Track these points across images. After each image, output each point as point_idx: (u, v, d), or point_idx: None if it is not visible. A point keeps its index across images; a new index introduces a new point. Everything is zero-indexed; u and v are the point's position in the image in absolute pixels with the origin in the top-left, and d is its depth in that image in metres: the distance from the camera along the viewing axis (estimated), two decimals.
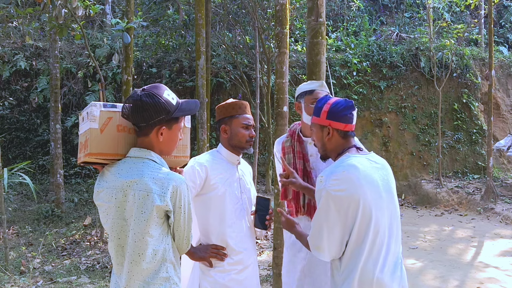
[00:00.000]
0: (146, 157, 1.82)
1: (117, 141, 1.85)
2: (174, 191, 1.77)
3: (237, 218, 2.48)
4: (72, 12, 5.48)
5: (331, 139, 2.07)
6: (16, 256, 6.06)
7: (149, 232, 1.75)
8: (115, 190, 1.79)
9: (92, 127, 1.80)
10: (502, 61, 12.43)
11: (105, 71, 9.81)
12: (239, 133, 2.50)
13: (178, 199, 1.79)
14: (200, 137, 6.64)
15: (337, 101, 2.08)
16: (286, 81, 4.21)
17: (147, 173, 1.77)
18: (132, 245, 1.76)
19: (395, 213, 2.04)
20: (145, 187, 1.75)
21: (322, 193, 1.93)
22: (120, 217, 1.79)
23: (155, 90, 1.81)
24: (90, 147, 1.79)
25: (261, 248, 6.53)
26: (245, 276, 2.49)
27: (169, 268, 1.81)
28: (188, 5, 9.63)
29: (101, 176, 1.88)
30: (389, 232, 1.99)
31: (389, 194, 2.02)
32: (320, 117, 2.08)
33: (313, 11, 3.62)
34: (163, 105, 1.79)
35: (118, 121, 1.85)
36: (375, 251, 1.93)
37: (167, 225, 1.83)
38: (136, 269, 1.77)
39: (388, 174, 2.07)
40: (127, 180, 1.78)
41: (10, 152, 9.67)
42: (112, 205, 1.80)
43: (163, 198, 1.75)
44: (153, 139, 1.84)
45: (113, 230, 1.81)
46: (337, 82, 10.85)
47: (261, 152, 9.74)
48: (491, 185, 9.00)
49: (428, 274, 5.47)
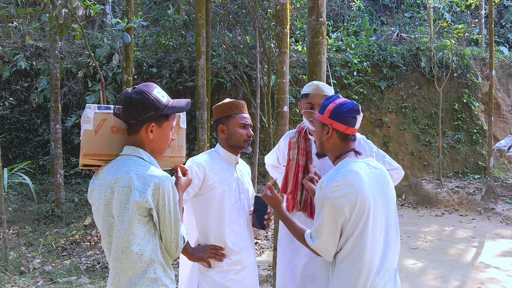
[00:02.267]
0: (134, 154, 1.84)
1: (111, 142, 1.89)
2: (155, 188, 1.76)
3: (235, 218, 2.47)
4: (72, 12, 5.48)
5: (329, 138, 2.07)
6: (16, 256, 6.05)
7: (131, 230, 1.75)
8: (104, 188, 1.82)
9: (86, 128, 1.84)
10: (503, 61, 12.42)
11: (105, 71, 9.80)
12: (236, 133, 2.50)
13: (161, 197, 1.77)
14: (201, 137, 6.63)
15: (344, 102, 2.06)
16: (286, 81, 4.21)
17: (132, 169, 1.78)
18: (116, 241, 1.77)
19: (392, 220, 2.02)
20: (128, 183, 1.76)
21: (322, 199, 1.93)
22: (109, 214, 1.81)
23: (145, 88, 1.85)
24: (85, 148, 1.84)
25: (261, 248, 6.52)
26: (244, 276, 2.48)
27: (157, 269, 1.80)
28: (189, 5, 9.62)
29: (95, 175, 1.91)
30: (384, 240, 1.98)
31: (387, 200, 2.01)
32: (324, 114, 2.07)
33: (313, 10, 3.62)
34: (152, 102, 1.81)
35: (113, 123, 1.89)
36: (371, 258, 1.92)
37: (153, 225, 1.81)
38: (120, 266, 1.77)
39: (387, 180, 2.06)
40: (114, 177, 1.80)
41: (10, 152, 9.66)
42: (102, 203, 1.82)
43: (143, 194, 1.74)
44: (143, 137, 1.86)
45: (103, 227, 1.83)
46: (338, 82, 10.84)
47: (262, 152, 9.72)
48: (491, 185, 8.98)
49: (429, 274, 5.46)
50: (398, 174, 2.64)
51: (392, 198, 2.06)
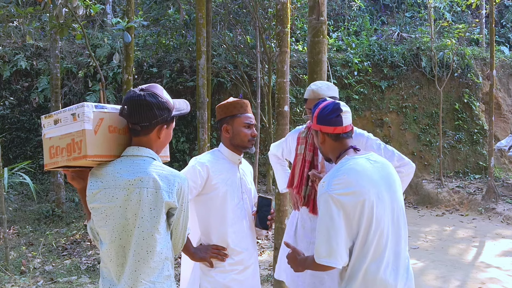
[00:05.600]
0: (145, 155, 1.83)
1: (109, 142, 1.83)
2: (179, 189, 1.81)
3: (238, 218, 2.46)
4: (72, 12, 5.48)
5: (324, 143, 2.10)
6: (16, 256, 6.05)
7: (158, 229, 1.77)
8: (116, 190, 1.77)
9: (87, 128, 1.75)
10: (503, 61, 12.41)
11: (105, 71, 9.79)
12: (241, 132, 2.48)
13: (181, 196, 1.82)
14: (201, 136, 6.62)
15: (325, 105, 2.09)
16: (287, 80, 4.20)
17: (152, 170, 1.78)
18: (139, 243, 1.75)
19: (398, 211, 2.02)
20: (153, 184, 1.76)
21: (324, 197, 1.92)
22: (122, 217, 1.77)
23: (155, 90, 1.83)
24: (88, 149, 1.74)
25: (262, 248, 6.52)
26: (246, 276, 2.47)
27: (170, 266, 1.84)
28: (189, 5, 9.62)
29: (93, 177, 1.83)
30: (392, 232, 1.98)
31: (391, 193, 2.00)
32: (313, 122, 2.13)
33: (314, 9, 3.62)
34: (166, 104, 1.83)
35: (109, 122, 1.83)
36: (378, 251, 1.92)
37: (168, 223, 1.85)
38: (142, 267, 1.76)
39: (390, 172, 2.06)
40: (131, 179, 1.76)
41: (11, 152, 9.66)
42: (114, 205, 1.77)
43: (171, 195, 1.78)
44: (152, 138, 1.85)
45: (114, 231, 1.78)
46: (338, 82, 10.84)
47: (262, 152, 9.72)
48: (492, 185, 8.98)
49: (430, 274, 5.45)
50: (408, 170, 2.59)
51: (398, 190, 2.06)
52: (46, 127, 1.89)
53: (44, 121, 1.90)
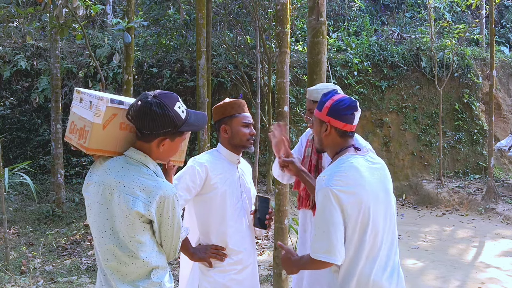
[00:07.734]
0: (140, 161, 1.79)
1: (118, 139, 1.80)
2: (161, 202, 1.74)
3: (237, 218, 2.47)
4: (73, 12, 5.48)
5: (328, 135, 2.05)
6: (16, 256, 6.06)
7: (136, 237, 1.73)
8: (102, 186, 1.76)
9: (95, 121, 1.73)
10: (503, 61, 12.41)
11: (105, 71, 9.80)
12: (240, 132, 2.49)
13: (165, 210, 1.75)
14: (201, 137, 6.63)
15: (341, 98, 2.03)
16: (287, 80, 4.20)
17: (137, 177, 1.74)
18: (120, 245, 1.74)
19: (391, 214, 2.03)
20: (131, 191, 1.72)
21: (324, 191, 1.89)
22: (104, 216, 1.76)
23: (167, 101, 1.75)
24: (90, 142, 1.73)
25: (262, 248, 6.52)
26: (245, 276, 2.48)
27: (160, 274, 1.80)
28: (189, 5, 9.62)
29: (93, 167, 1.85)
30: (386, 234, 1.98)
31: (386, 195, 2.01)
32: (322, 111, 2.05)
33: (314, 10, 3.62)
34: (172, 119, 1.74)
35: (122, 119, 1.79)
36: (373, 253, 1.92)
37: (153, 231, 1.81)
38: (124, 270, 1.75)
39: (386, 175, 2.07)
40: (116, 180, 1.75)
41: (11, 152, 9.67)
42: (97, 201, 1.77)
43: (147, 207, 1.71)
44: (153, 148, 1.80)
45: (94, 226, 1.79)
46: (338, 82, 10.83)
47: (262, 152, 9.72)
48: (492, 185, 8.98)
49: (429, 274, 5.46)
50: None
51: (391, 193, 2.07)
52: (74, 100, 1.88)
53: (76, 94, 1.89)
